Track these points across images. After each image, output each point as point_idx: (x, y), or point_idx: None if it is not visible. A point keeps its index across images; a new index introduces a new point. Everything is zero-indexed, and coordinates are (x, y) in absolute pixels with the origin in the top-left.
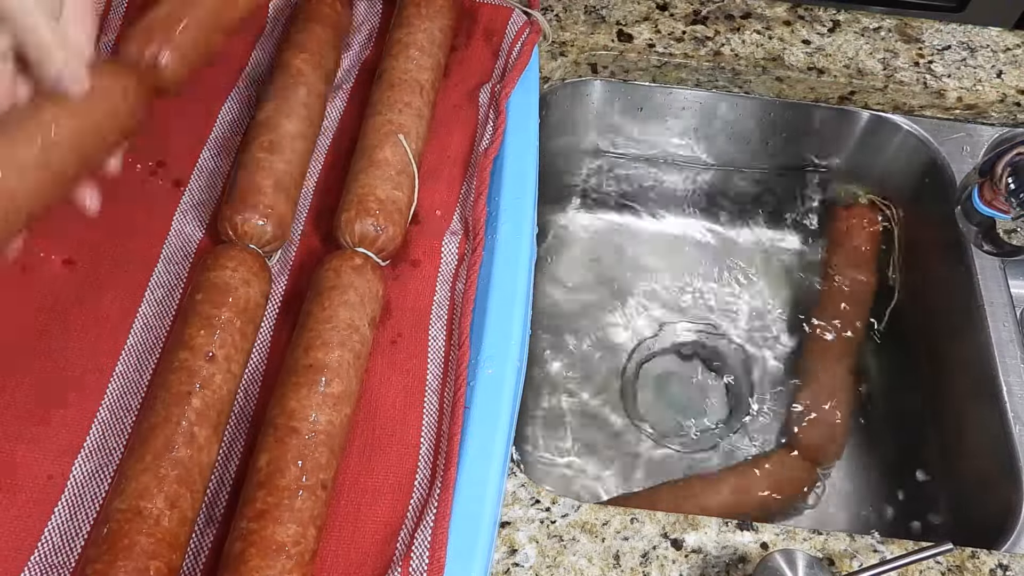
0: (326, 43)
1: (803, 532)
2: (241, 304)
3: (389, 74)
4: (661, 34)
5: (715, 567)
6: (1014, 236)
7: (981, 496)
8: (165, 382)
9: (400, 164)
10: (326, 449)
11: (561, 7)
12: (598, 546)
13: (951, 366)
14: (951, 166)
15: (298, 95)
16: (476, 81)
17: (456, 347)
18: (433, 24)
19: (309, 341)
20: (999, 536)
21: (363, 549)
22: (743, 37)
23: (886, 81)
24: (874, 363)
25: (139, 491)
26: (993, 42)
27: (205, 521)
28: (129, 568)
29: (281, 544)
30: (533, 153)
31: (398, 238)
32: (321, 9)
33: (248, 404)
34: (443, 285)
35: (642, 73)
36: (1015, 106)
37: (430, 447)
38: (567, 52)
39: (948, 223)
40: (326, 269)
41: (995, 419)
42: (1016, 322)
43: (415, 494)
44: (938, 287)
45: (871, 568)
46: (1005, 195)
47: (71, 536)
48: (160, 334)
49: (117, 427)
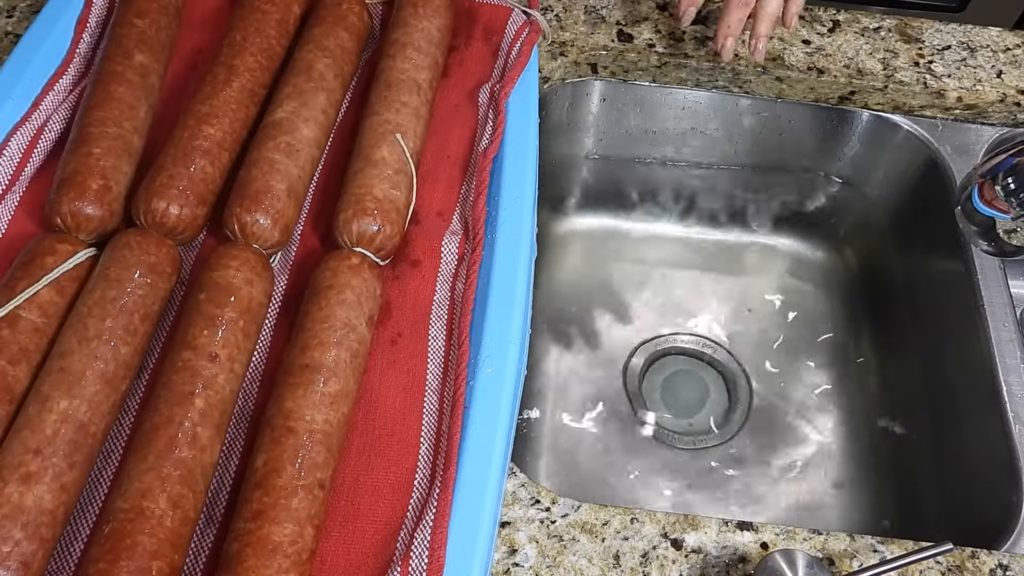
0: (349, 51)
1: (803, 532)
2: (244, 304)
3: (386, 74)
4: (661, 34)
5: (715, 567)
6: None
7: (981, 496)
8: (168, 382)
9: (398, 163)
10: (323, 448)
11: (561, 7)
12: (598, 546)
13: (951, 366)
14: (951, 166)
15: (318, 101)
16: (475, 81)
17: (456, 347)
18: (431, 24)
19: (306, 341)
20: (999, 536)
21: (362, 549)
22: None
23: (886, 81)
24: (874, 363)
25: (142, 491)
26: (993, 42)
27: (205, 521)
28: (131, 568)
29: (278, 544)
30: (533, 153)
31: (396, 237)
32: (348, 16)
33: (247, 404)
34: (443, 285)
35: (642, 73)
36: (1015, 106)
37: (430, 447)
38: (567, 52)
39: (948, 223)
40: (323, 269)
41: (995, 419)
42: (1016, 322)
43: (415, 494)
44: (938, 287)
45: (871, 568)
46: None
47: (71, 536)
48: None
49: (116, 427)
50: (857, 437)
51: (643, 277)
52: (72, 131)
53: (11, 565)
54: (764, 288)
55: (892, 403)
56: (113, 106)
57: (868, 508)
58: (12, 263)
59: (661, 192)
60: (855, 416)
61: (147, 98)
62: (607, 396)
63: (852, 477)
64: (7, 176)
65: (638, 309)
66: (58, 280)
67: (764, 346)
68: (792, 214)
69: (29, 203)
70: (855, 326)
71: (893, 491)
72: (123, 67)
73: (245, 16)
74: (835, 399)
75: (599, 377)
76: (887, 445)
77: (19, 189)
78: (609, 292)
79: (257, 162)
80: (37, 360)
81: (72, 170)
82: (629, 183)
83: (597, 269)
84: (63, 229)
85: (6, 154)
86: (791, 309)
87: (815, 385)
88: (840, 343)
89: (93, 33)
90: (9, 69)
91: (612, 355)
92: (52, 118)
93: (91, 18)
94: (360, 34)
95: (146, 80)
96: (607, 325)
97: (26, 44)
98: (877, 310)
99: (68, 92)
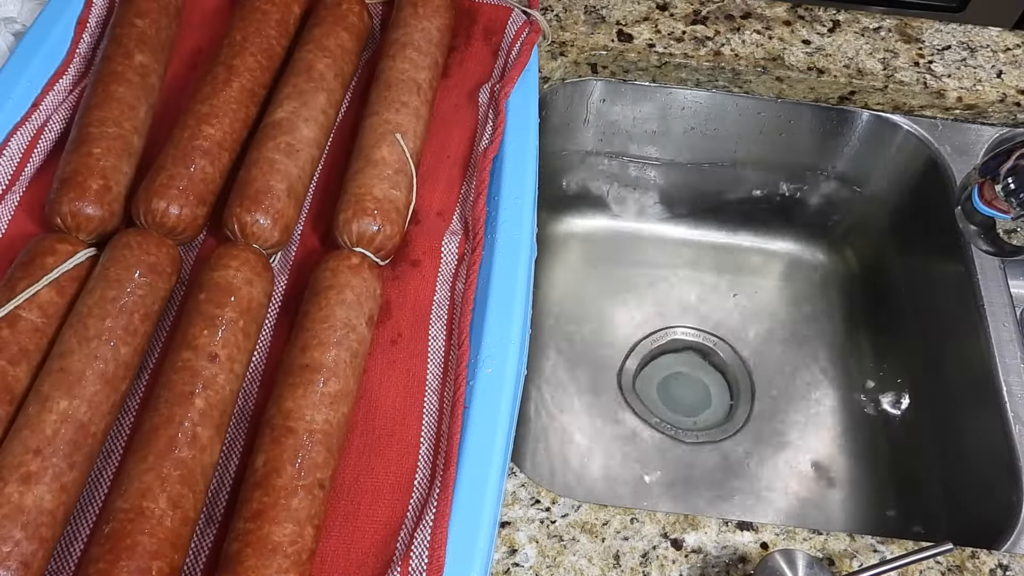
0: (349, 51)
1: (803, 532)
2: (244, 304)
3: (386, 74)
4: (661, 34)
5: (715, 567)
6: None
7: (981, 496)
8: (168, 382)
9: (397, 163)
10: (323, 448)
11: (561, 7)
12: (598, 546)
13: (951, 366)
14: (951, 166)
15: (318, 101)
16: (475, 81)
17: (456, 347)
18: (430, 24)
19: (306, 341)
20: (999, 536)
21: (362, 549)
22: (743, 37)
23: (886, 81)
24: (874, 362)
25: (142, 491)
26: (993, 42)
27: (205, 521)
28: (131, 568)
29: (278, 544)
30: (533, 153)
31: (396, 237)
32: (348, 17)
33: (247, 404)
34: (443, 285)
35: (642, 73)
36: (1015, 106)
37: (430, 446)
38: (567, 52)
39: (948, 223)
40: (323, 269)
41: (995, 419)
42: (1016, 322)
43: (415, 494)
44: (938, 287)
45: (871, 568)
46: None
47: (71, 536)
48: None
49: (116, 427)
50: (857, 437)
51: (643, 276)
52: (72, 131)
53: (11, 565)
54: (764, 288)
55: (892, 403)
56: (113, 106)
57: (868, 508)
58: (12, 263)
59: (661, 192)
60: (855, 416)
61: (147, 98)
62: (607, 396)
63: (852, 477)
64: (7, 176)
65: (638, 308)
66: (58, 280)
67: (764, 346)
68: (792, 214)
69: (29, 203)
70: (855, 326)
71: (893, 491)
72: (123, 67)
73: (245, 16)
74: (835, 399)
75: (599, 377)
76: (887, 445)
77: (19, 189)
78: (609, 292)
79: (257, 162)
80: (37, 360)
81: (72, 170)
82: (629, 183)
83: (597, 269)
84: (63, 229)
85: (6, 154)
86: (791, 309)
87: (815, 385)
88: (840, 343)
89: (93, 33)
90: (9, 69)
91: (612, 355)
92: (52, 118)
93: (91, 18)
94: (360, 34)
95: (146, 80)
96: (607, 325)
97: (26, 44)
98: (877, 310)
99: (68, 92)
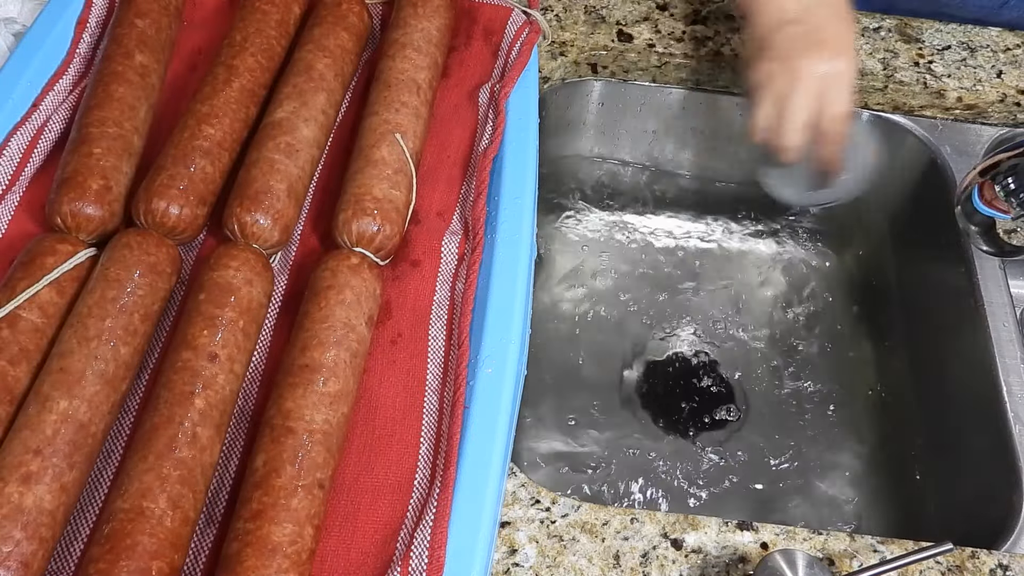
0: (349, 51)
1: (803, 532)
2: (244, 304)
3: (386, 74)
4: (661, 34)
5: (715, 567)
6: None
7: (981, 496)
8: (168, 382)
9: (397, 163)
10: (323, 448)
11: (561, 7)
12: (598, 546)
13: (951, 366)
14: (951, 166)
15: (318, 101)
16: (475, 81)
17: (456, 347)
18: (430, 24)
19: (305, 341)
20: (999, 536)
21: (362, 548)
22: (743, 37)
23: (886, 81)
24: (874, 363)
25: (142, 491)
26: (993, 42)
27: (205, 521)
28: (131, 568)
29: (277, 544)
30: (533, 153)
31: (396, 237)
32: (348, 17)
33: (247, 404)
34: (443, 285)
35: (642, 73)
36: (1015, 106)
37: (430, 446)
38: (567, 52)
39: (948, 223)
40: (323, 269)
41: (995, 419)
42: (1016, 322)
43: (415, 494)
44: (938, 287)
45: (871, 568)
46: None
47: (71, 536)
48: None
49: (116, 427)
50: (856, 437)
51: (643, 276)
52: (72, 131)
53: (11, 565)
54: (764, 288)
55: (891, 403)
56: (113, 106)
57: (868, 508)
58: (12, 263)
59: (661, 192)
60: (854, 416)
61: (147, 98)
62: (606, 396)
63: (852, 477)
64: (7, 176)
65: (638, 309)
66: (58, 280)
67: (763, 347)
68: (792, 214)
69: (29, 203)
70: (854, 326)
71: (893, 491)
72: (123, 67)
73: (245, 16)
74: (834, 399)
75: (599, 377)
76: (887, 445)
77: (19, 189)
78: (609, 292)
79: (257, 162)
80: (37, 360)
81: (72, 170)
82: (629, 183)
83: (597, 269)
84: (63, 229)
85: (6, 154)
86: (790, 309)
87: (814, 385)
88: (839, 343)
89: (93, 33)
90: (9, 69)
91: (612, 355)
92: (52, 118)
93: (91, 18)
94: (360, 34)
95: (146, 80)
96: (607, 325)
97: (26, 44)
98: (877, 310)
99: (68, 92)
